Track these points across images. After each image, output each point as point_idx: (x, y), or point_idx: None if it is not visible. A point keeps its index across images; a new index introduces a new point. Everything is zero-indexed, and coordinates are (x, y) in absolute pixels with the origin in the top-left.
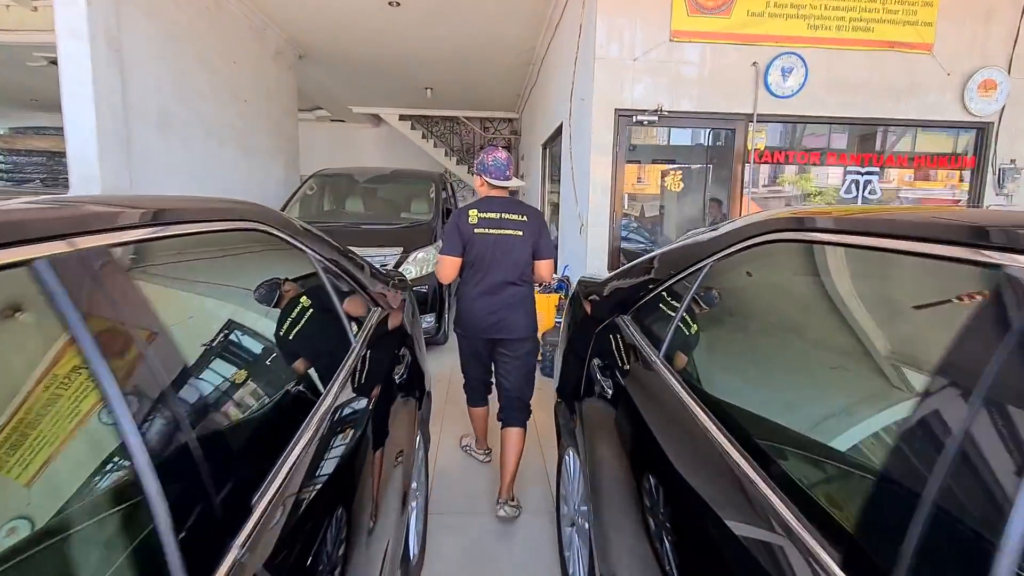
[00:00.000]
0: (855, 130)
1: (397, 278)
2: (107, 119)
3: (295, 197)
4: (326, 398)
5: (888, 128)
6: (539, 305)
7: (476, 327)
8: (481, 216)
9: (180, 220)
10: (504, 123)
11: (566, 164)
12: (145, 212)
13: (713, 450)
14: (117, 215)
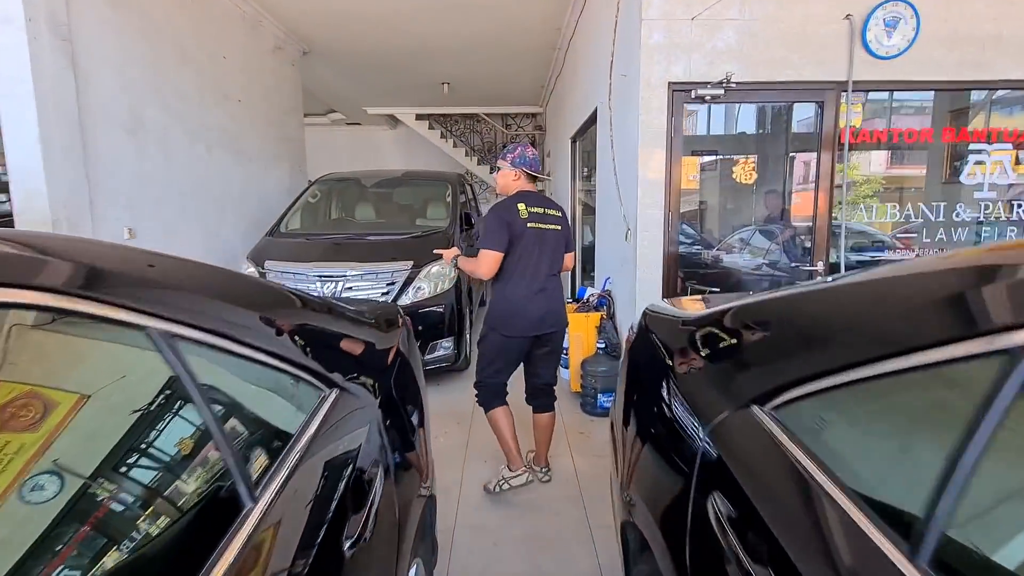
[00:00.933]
0: (972, 100)
1: (382, 317)
2: (54, 123)
3: (295, 206)
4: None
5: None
6: (577, 327)
7: (528, 326)
8: (530, 210)
9: None
10: (527, 118)
11: (603, 157)
12: None
13: None
14: None
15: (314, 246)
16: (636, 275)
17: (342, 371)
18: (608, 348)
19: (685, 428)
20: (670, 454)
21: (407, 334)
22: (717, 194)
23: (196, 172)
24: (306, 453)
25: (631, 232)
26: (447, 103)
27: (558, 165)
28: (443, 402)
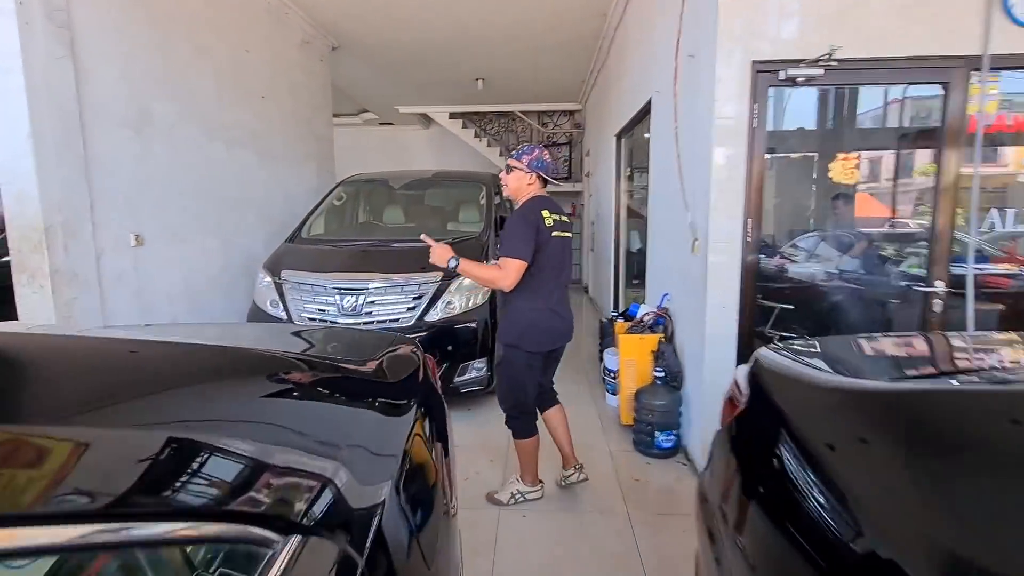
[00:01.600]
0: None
1: (385, 352)
2: (47, 118)
3: (319, 209)
4: None
5: None
6: (629, 350)
7: (553, 340)
8: (553, 217)
9: None
10: (564, 116)
11: (659, 154)
12: None
13: None
14: None
15: (335, 254)
16: (706, 294)
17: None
18: (668, 377)
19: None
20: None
21: (427, 393)
22: (785, 193)
23: (213, 173)
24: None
25: (699, 243)
26: (481, 101)
27: (599, 164)
28: (474, 433)
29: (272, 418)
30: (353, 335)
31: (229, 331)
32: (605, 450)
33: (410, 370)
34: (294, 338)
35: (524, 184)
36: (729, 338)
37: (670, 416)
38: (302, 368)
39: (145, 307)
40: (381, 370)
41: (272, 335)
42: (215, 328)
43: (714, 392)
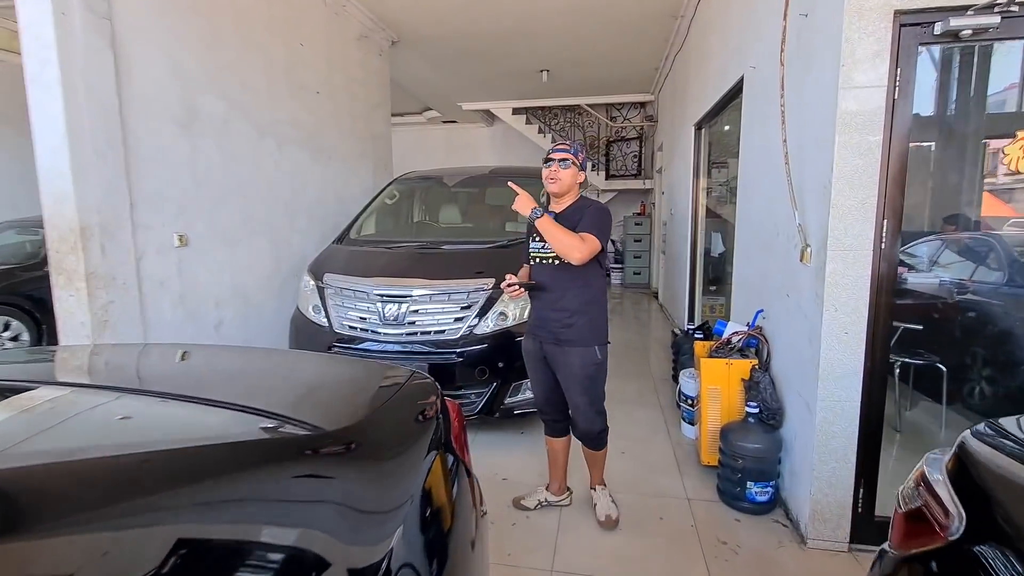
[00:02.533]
0: None
1: (384, 408)
2: (85, 113)
3: (370, 208)
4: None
5: None
6: (714, 376)
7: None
8: None
9: None
10: (634, 109)
11: (753, 141)
12: None
13: None
14: None
15: (380, 256)
16: (821, 315)
17: None
18: (764, 414)
19: None
20: None
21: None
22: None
23: (263, 171)
24: None
25: (811, 250)
26: (546, 94)
27: (674, 159)
28: (523, 462)
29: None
30: (356, 372)
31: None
32: (681, 496)
33: (415, 435)
34: (270, 380)
35: (576, 182)
36: (851, 373)
37: (766, 463)
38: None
39: (190, 311)
40: (369, 441)
41: (253, 372)
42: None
43: (829, 440)
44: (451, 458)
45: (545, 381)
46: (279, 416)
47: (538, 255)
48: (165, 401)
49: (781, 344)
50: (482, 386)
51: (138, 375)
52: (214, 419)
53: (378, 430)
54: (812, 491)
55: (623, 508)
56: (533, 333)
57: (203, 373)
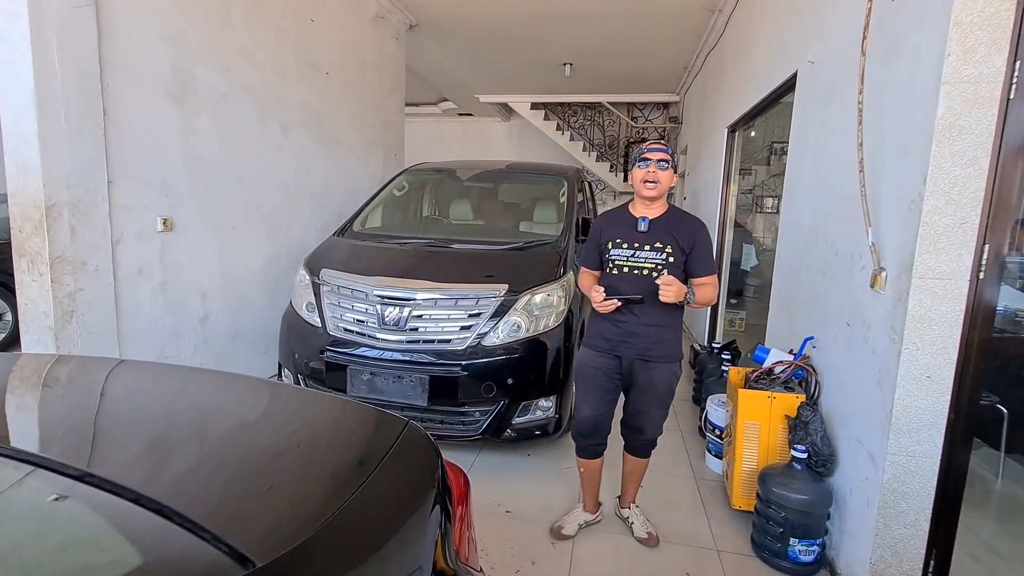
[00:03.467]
0: None
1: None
2: (58, 75)
3: (376, 199)
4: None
5: None
6: (753, 411)
7: None
8: None
9: None
10: (657, 110)
11: (813, 142)
12: None
13: None
14: None
15: (383, 253)
16: (899, 353)
17: None
18: (813, 460)
19: None
20: None
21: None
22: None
23: (265, 154)
24: None
25: (887, 274)
26: (567, 89)
27: (700, 163)
28: (529, 490)
29: None
30: (327, 432)
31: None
32: (710, 545)
33: (401, 547)
34: (203, 444)
35: (671, 186)
36: (931, 425)
37: (814, 518)
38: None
39: (172, 302)
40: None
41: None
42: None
43: (898, 501)
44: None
45: (607, 403)
46: (190, 526)
47: (629, 263)
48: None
49: (835, 380)
50: (488, 404)
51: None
52: (73, 532)
53: (341, 551)
54: (872, 559)
55: (642, 550)
56: (607, 350)
57: (105, 425)
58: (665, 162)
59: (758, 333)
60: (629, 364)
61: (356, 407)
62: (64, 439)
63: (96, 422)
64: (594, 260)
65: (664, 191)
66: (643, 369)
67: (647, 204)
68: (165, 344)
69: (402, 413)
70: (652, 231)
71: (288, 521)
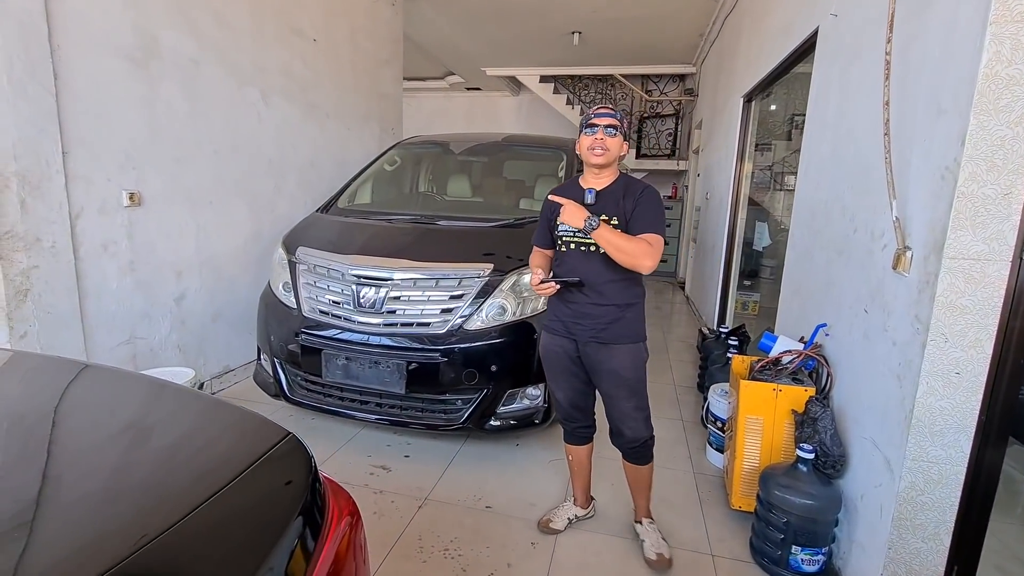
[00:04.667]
0: None
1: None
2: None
3: (365, 174)
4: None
5: None
6: (755, 404)
7: None
8: None
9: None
10: (673, 82)
11: (834, 106)
12: None
13: None
14: None
15: (363, 231)
16: (924, 344)
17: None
18: (822, 461)
19: None
20: None
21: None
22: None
23: (243, 125)
24: None
25: (912, 254)
26: (577, 61)
27: (714, 137)
28: (513, 483)
29: None
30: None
31: None
32: (704, 548)
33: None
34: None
35: (621, 154)
36: (958, 428)
37: (819, 525)
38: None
39: (142, 282)
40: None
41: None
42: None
43: (916, 513)
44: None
45: (574, 386)
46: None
47: (576, 239)
48: None
49: (849, 372)
50: (471, 392)
51: None
52: None
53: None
54: (883, 573)
55: (629, 555)
56: (563, 332)
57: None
58: (613, 128)
59: (773, 317)
60: (584, 346)
61: (238, 413)
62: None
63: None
64: (545, 238)
65: (613, 159)
66: (600, 352)
67: (595, 174)
68: (136, 325)
69: (380, 400)
70: (600, 203)
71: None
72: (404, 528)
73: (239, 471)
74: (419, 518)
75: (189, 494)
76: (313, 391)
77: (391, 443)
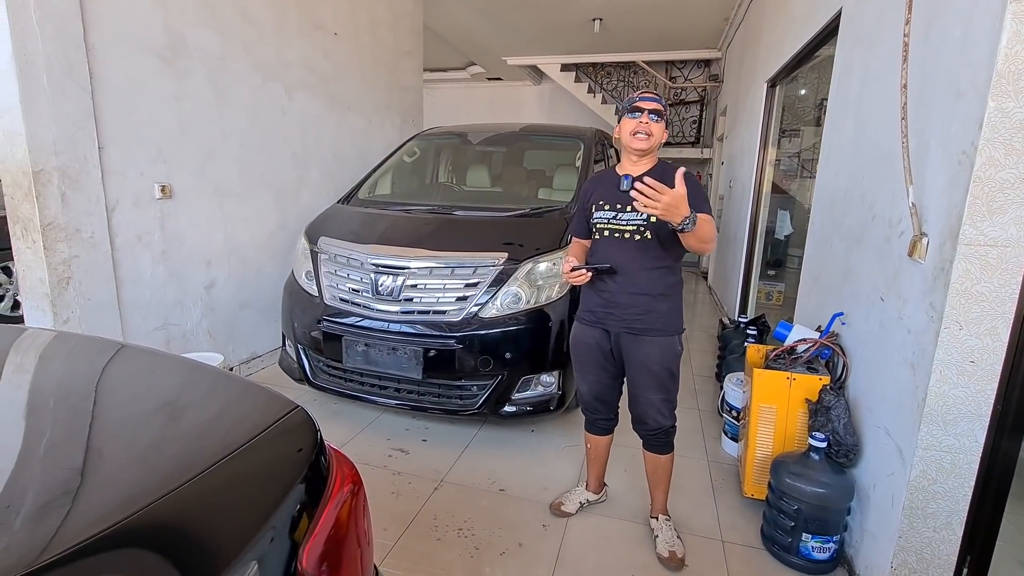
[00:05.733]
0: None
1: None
2: (38, 36)
3: (385, 166)
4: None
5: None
6: (769, 392)
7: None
8: None
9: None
10: (698, 68)
11: (855, 91)
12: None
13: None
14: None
15: (382, 221)
16: (938, 332)
17: None
18: (834, 449)
19: None
20: None
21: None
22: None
23: (268, 119)
24: None
25: (928, 240)
26: (598, 49)
27: (738, 123)
28: (527, 467)
29: None
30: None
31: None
32: (715, 535)
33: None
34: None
35: (663, 141)
36: (972, 417)
37: (831, 513)
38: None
39: (173, 271)
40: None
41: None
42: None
43: (927, 502)
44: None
45: (601, 380)
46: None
47: (610, 226)
48: None
49: (865, 361)
50: (486, 378)
51: None
52: None
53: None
54: (894, 563)
55: (639, 542)
56: (595, 323)
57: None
58: (658, 114)
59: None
60: (616, 337)
61: (246, 386)
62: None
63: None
64: (582, 228)
65: (656, 145)
66: (632, 344)
67: (634, 161)
68: (169, 313)
69: (398, 385)
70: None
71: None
72: (420, 508)
73: (252, 436)
74: (435, 499)
75: (208, 455)
76: (335, 376)
77: (409, 427)
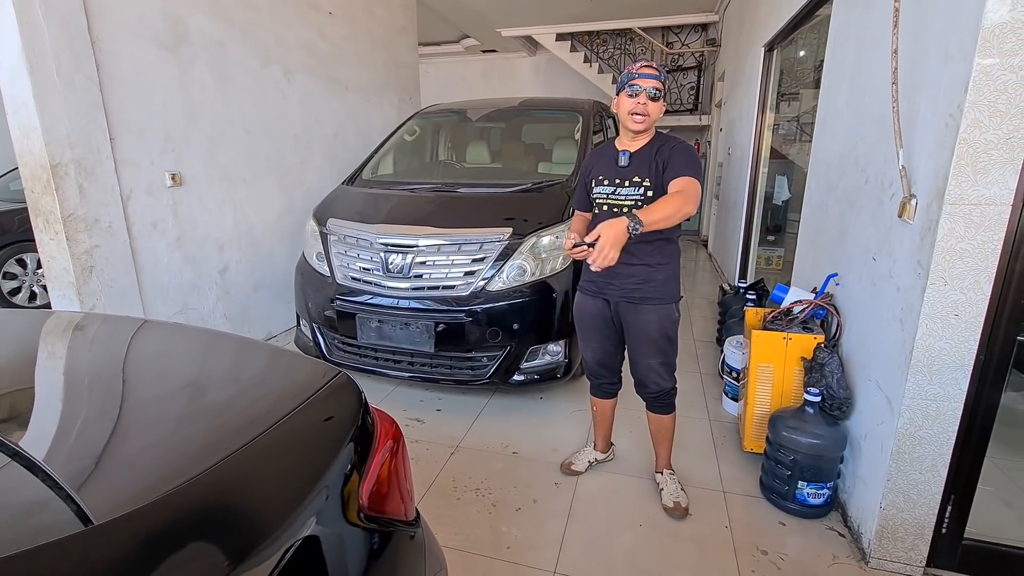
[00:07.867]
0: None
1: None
2: (43, 29)
3: (386, 145)
4: None
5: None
6: (766, 352)
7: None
8: None
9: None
10: (695, 32)
11: (851, 55)
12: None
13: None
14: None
15: (388, 200)
16: (924, 288)
17: None
18: (827, 403)
19: None
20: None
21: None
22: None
23: (269, 102)
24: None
25: (916, 201)
26: (593, 16)
27: (736, 89)
28: (537, 432)
29: None
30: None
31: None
32: (716, 486)
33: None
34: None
35: (659, 117)
36: (956, 367)
37: (825, 461)
38: None
39: (188, 256)
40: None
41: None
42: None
43: (914, 447)
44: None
45: (604, 347)
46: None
47: (609, 201)
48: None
49: (858, 319)
50: (495, 349)
51: None
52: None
53: (236, 488)
54: (883, 503)
55: (645, 495)
56: (596, 292)
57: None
58: (658, 91)
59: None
60: (616, 306)
61: (290, 356)
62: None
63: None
64: (584, 201)
65: (652, 124)
66: (631, 312)
67: (631, 136)
68: (187, 297)
69: (411, 359)
70: (633, 164)
71: (169, 466)
72: (439, 472)
73: (303, 400)
74: (452, 463)
75: (264, 419)
76: (350, 352)
77: (424, 399)
